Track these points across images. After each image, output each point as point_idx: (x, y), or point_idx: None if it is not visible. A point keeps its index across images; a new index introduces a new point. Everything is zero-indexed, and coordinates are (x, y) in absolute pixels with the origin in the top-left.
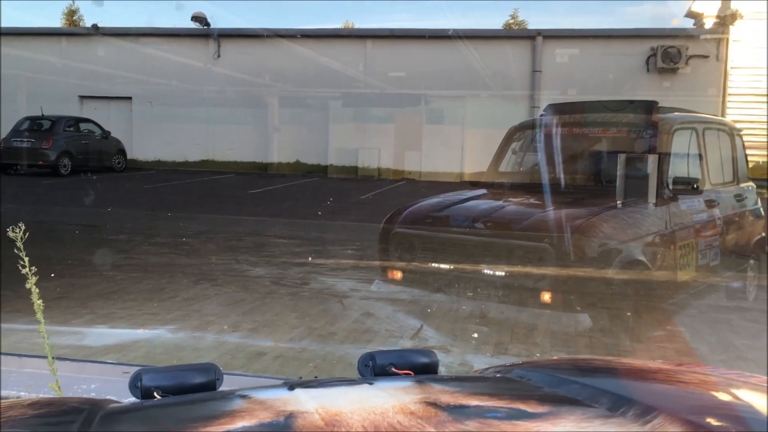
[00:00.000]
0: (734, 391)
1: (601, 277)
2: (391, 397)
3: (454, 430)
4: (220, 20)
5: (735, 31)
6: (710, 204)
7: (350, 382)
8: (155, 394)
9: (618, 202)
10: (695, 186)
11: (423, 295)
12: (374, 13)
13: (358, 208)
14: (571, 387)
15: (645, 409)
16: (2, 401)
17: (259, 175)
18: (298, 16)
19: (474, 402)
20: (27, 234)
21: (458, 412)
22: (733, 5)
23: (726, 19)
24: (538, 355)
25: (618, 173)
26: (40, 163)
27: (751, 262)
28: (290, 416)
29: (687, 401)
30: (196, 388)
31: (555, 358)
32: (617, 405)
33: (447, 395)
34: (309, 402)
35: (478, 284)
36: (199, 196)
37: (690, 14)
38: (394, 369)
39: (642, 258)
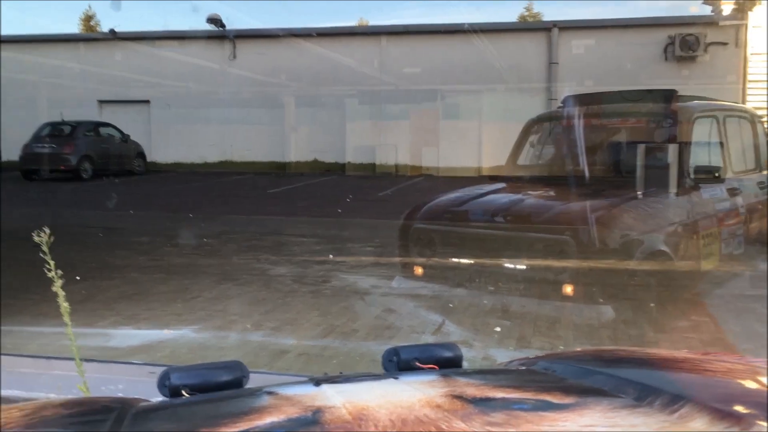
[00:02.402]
0: (762, 378)
1: (623, 269)
2: (417, 391)
3: (481, 422)
4: (235, 21)
5: (754, 16)
6: (733, 192)
7: (376, 376)
8: (183, 392)
9: (639, 192)
10: (717, 174)
11: (444, 290)
12: (388, 9)
13: (377, 205)
14: (597, 378)
15: (672, 398)
16: (34, 402)
17: (278, 175)
18: (312, 15)
19: (500, 394)
20: (52, 238)
21: (484, 404)
22: None
23: (744, 5)
24: (561, 347)
25: (638, 163)
26: (62, 168)
27: None
28: (318, 411)
29: (714, 390)
30: (222, 385)
31: (579, 349)
32: (644, 395)
33: (472, 388)
34: (335, 397)
35: (499, 278)
36: (219, 196)
37: (707, 1)
38: (418, 363)
39: (665, 248)
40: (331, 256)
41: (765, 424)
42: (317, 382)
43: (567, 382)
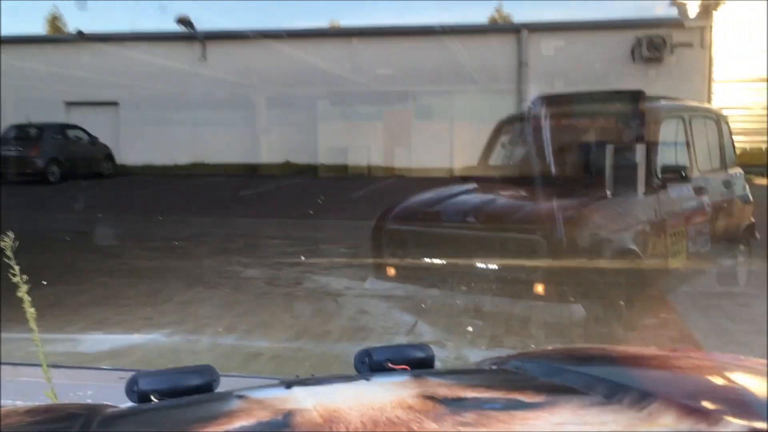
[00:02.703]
0: (730, 374)
1: (593, 267)
2: (389, 392)
3: (453, 422)
4: (204, 22)
5: (718, 18)
6: (699, 191)
7: (347, 378)
8: (152, 397)
9: (607, 192)
10: (683, 174)
11: (417, 290)
12: (359, 10)
13: (349, 206)
14: (567, 376)
15: (641, 395)
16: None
17: (249, 177)
18: (283, 16)
19: (471, 394)
20: (17, 243)
21: (456, 404)
22: None
23: (709, 6)
24: (533, 346)
25: (606, 163)
26: (29, 171)
27: (741, 247)
28: (288, 414)
29: (683, 386)
30: (192, 390)
31: (550, 348)
32: (613, 392)
33: (444, 388)
34: (307, 399)
35: (471, 278)
36: (190, 199)
37: (674, 3)
38: (390, 364)
39: (633, 247)
40: (302, 257)
41: (731, 419)
42: (288, 385)
43: (538, 381)
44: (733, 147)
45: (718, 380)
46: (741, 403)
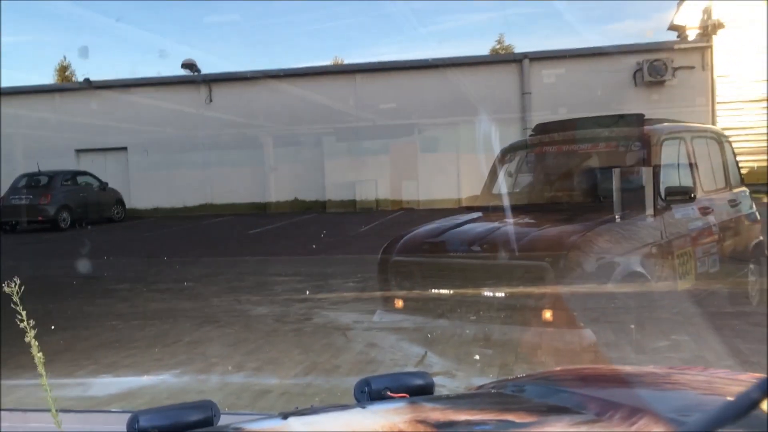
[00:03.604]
0: (720, 389)
1: (601, 291)
2: (382, 419)
3: None
4: (209, 65)
5: (718, 40)
6: (704, 211)
7: (344, 407)
8: None
9: (612, 215)
10: (688, 194)
11: (425, 321)
12: (362, 47)
13: (357, 240)
14: (561, 396)
15: (631, 412)
16: None
17: (258, 215)
18: (287, 56)
19: (463, 417)
20: (23, 288)
21: (447, 427)
22: (715, 15)
23: (708, 30)
24: None
25: (610, 186)
26: (40, 218)
27: (751, 266)
28: None
29: (673, 401)
30: (192, 425)
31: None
32: (605, 409)
33: (437, 413)
34: (300, 428)
35: (479, 307)
36: (199, 240)
37: (672, 27)
38: (389, 393)
39: (641, 269)
40: (307, 292)
41: None
42: (285, 416)
43: (531, 402)
44: (738, 166)
45: (707, 395)
46: (728, 416)
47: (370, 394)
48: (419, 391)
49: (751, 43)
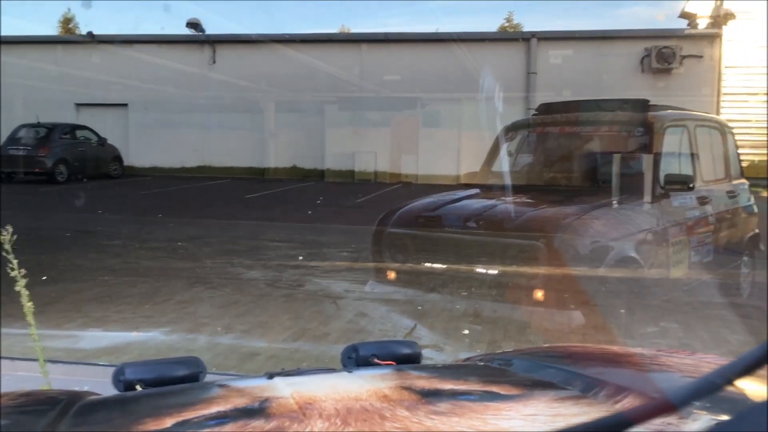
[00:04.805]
0: (704, 371)
1: (594, 275)
2: (367, 384)
3: (426, 411)
4: (214, 26)
5: (728, 30)
6: (702, 201)
7: (330, 371)
8: (137, 387)
9: (609, 199)
10: (687, 183)
11: (417, 294)
12: (369, 17)
13: (354, 211)
14: (547, 372)
15: (616, 390)
16: None
17: (256, 180)
18: (293, 21)
19: (448, 386)
20: (16, 238)
21: (431, 395)
22: (726, 5)
23: (719, 19)
24: None
25: (609, 171)
26: (37, 170)
27: (745, 258)
28: (265, 401)
29: (660, 382)
30: (178, 380)
31: (535, 346)
32: (590, 387)
33: (422, 381)
34: (285, 389)
35: (471, 283)
36: (195, 201)
37: (683, 15)
38: (376, 360)
39: (634, 255)
40: (300, 258)
41: (700, 413)
42: (270, 376)
43: (517, 376)
44: (738, 158)
45: (694, 378)
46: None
47: (357, 360)
48: (406, 360)
49: (760, 35)
